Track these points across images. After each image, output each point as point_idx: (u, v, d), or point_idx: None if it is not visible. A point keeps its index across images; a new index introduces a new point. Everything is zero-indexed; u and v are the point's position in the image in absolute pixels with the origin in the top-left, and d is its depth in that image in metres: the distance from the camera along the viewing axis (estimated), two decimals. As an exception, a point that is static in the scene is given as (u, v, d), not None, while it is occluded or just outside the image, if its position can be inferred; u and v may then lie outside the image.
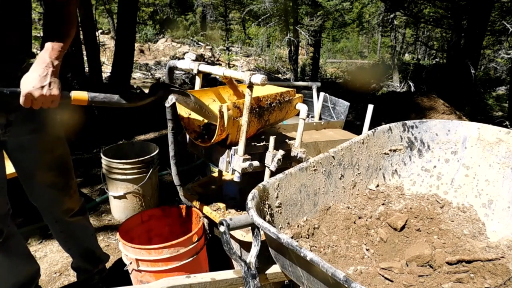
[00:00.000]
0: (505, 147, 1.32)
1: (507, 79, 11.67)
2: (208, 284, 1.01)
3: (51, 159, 1.58)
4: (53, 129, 1.57)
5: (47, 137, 1.55)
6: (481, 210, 1.31)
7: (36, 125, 1.50)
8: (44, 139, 1.54)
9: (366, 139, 1.42)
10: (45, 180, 1.60)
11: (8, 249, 1.58)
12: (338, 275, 0.74)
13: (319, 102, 2.70)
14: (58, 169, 1.62)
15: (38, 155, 1.54)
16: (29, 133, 1.49)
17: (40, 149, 1.54)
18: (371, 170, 1.43)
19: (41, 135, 1.52)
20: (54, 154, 1.59)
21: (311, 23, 9.37)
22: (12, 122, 1.43)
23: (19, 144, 1.51)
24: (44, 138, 1.54)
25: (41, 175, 1.58)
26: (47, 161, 1.57)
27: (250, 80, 1.43)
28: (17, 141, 1.50)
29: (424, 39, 15.90)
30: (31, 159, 1.55)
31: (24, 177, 1.62)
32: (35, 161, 1.55)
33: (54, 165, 1.60)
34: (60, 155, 1.62)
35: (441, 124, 1.46)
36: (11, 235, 1.59)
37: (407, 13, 9.68)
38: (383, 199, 1.40)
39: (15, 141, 1.49)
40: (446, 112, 6.09)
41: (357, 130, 2.45)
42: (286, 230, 1.13)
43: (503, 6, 8.33)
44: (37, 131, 1.51)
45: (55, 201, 1.66)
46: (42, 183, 1.60)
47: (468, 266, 1.09)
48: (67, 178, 1.67)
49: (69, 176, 1.69)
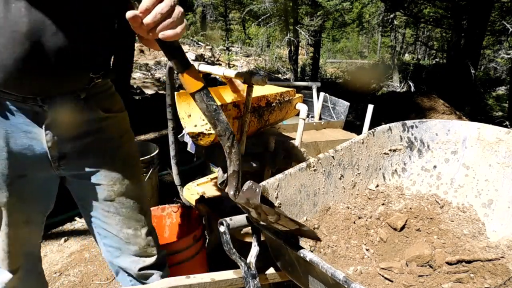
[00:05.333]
0: (505, 147, 1.32)
1: (507, 79, 11.67)
2: (208, 284, 1.01)
3: (118, 203, 1.25)
4: (122, 165, 1.24)
5: (112, 175, 1.21)
6: (481, 210, 1.30)
7: (99, 158, 1.18)
8: (107, 176, 1.21)
9: (366, 139, 1.42)
10: (112, 227, 1.28)
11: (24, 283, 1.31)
12: (338, 275, 0.74)
13: (319, 102, 2.70)
14: (126, 215, 1.27)
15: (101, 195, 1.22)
16: (89, 167, 1.18)
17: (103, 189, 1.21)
18: (370, 170, 1.43)
19: (106, 173, 1.20)
20: (121, 197, 1.24)
21: (311, 23, 9.37)
22: (67, 155, 1.13)
23: (78, 182, 1.21)
24: (107, 176, 1.20)
25: (105, 219, 1.27)
26: (113, 204, 1.25)
27: (250, 80, 1.43)
28: (76, 178, 1.20)
29: (424, 39, 15.90)
30: (94, 200, 1.24)
31: (88, 220, 1.31)
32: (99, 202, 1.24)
33: (121, 209, 1.26)
34: (132, 197, 1.27)
35: (441, 124, 1.46)
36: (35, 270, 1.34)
37: (407, 13, 9.68)
38: (383, 199, 1.40)
39: (74, 178, 1.20)
40: (446, 112, 6.10)
41: (357, 130, 2.45)
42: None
43: (503, 6, 8.33)
44: (101, 166, 1.19)
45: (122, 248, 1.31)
46: (106, 228, 1.28)
47: (468, 266, 1.09)
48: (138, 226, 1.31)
49: (141, 222, 1.31)
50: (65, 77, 1.03)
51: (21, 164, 1.09)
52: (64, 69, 1.00)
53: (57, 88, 1.04)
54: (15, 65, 0.93)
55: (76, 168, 1.18)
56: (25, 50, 0.92)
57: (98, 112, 1.15)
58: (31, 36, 0.91)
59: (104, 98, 1.18)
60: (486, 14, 7.30)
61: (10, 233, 1.19)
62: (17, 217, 1.18)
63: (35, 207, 1.21)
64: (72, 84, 1.07)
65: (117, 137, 1.23)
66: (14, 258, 1.24)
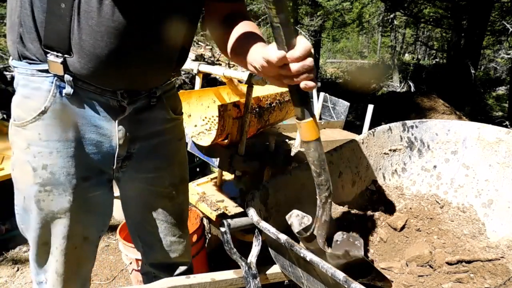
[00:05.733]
0: (505, 147, 1.32)
1: (507, 79, 11.67)
2: (208, 284, 1.01)
3: (170, 207, 1.23)
4: (179, 169, 1.23)
5: (169, 179, 1.19)
6: (481, 210, 1.31)
7: (160, 161, 1.15)
8: (165, 181, 1.18)
9: (366, 139, 1.42)
10: (156, 232, 1.24)
11: None
12: (338, 275, 0.74)
13: (319, 102, 2.70)
14: (174, 221, 1.25)
15: (155, 200, 1.20)
16: (149, 171, 1.14)
17: (158, 192, 1.19)
18: (371, 170, 1.43)
19: (164, 176, 1.18)
20: (174, 201, 1.23)
21: (311, 23, 9.37)
22: (133, 155, 1.09)
23: (132, 184, 1.16)
24: (165, 180, 1.18)
25: (153, 224, 1.23)
26: (165, 208, 1.22)
27: (250, 80, 1.44)
28: (131, 179, 1.14)
29: (424, 39, 15.90)
30: (145, 204, 1.20)
31: (133, 222, 1.27)
32: (150, 206, 1.20)
33: (170, 215, 1.24)
34: (181, 203, 1.27)
35: (441, 124, 1.46)
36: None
37: (407, 13, 9.68)
38: (383, 199, 1.40)
39: (129, 179, 1.14)
40: (446, 112, 6.10)
41: (357, 130, 2.45)
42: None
43: (503, 6, 8.33)
44: (160, 170, 1.16)
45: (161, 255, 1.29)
46: (152, 233, 1.24)
47: (468, 266, 1.09)
48: (182, 232, 1.29)
49: (184, 231, 1.31)
50: (153, 73, 1.01)
51: (86, 163, 1.01)
52: (152, 64, 0.98)
53: (142, 84, 1.02)
54: (108, 57, 0.89)
55: (136, 170, 1.12)
56: (120, 43, 0.89)
57: (168, 112, 1.13)
58: (125, 30, 0.88)
59: (171, 97, 1.16)
60: (486, 14, 7.31)
61: (68, 249, 1.05)
62: (77, 231, 1.05)
63: (95, 222, 1.10)
64: (156, 80, 1.05)
65: (177, 140, 1.21)
66: (68, 284, 1.09)
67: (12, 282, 2.23)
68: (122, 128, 1.02)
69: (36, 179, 0.96)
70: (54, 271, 1.06)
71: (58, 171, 0.97)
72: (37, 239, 1.03)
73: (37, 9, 0.87)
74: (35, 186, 0.97)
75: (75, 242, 1.06)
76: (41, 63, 0.91)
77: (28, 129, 0.94)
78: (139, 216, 1.24)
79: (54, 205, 0.99)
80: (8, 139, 1.01)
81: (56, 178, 0.97)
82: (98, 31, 0.86)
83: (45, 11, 0.86)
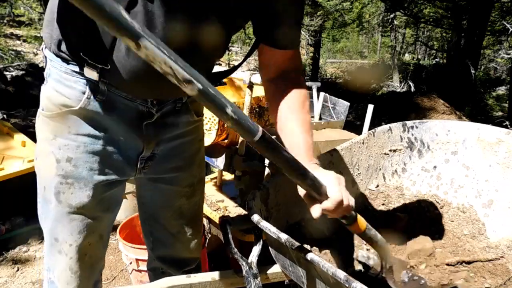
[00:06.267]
0: (505, 147, 1.32)
1: (507, 79, 11.67)
2: (209, 283, 1.01)
3: (186, 205, 1.24)
4: (198, 169, 1.24)
5: (189, 179, 1.21)
6: (481, 210, 1.31)
7: (181, 162, 1.17)
8: (184, 181, 1.20)
9: (366, 139, 1.42)
10: (171, 228, 1.26)
11: None
12: (339, 274, 0.74)
13: (319, 102, 2.70)
14: (189, 218, 1.27)
15: (172, 199, 1.21)
16: (169, 171, 1.16)
17: (176, 191, 1.21)
18: (371, 170, 1.43)
19: (183, 176, 1.20)
20: (191, 200, 1.25)
21: (311, 23, 9.37)
22: (156, 156, 1.11)
23: (151, 183, 1.19)
24: (184, 180, 1.20)
25: (168, 220, 1.24)
26: (181, 207, 1.23)
27: (250, 80, 1.44)
28: (151, 179, 1.17)
29: (424, 39, 15.90)
30: (162, 201, 1.22)
31: (147, 216, 1.29)
32: (167, 204, 1.22)
33: (186, 213, 1.25)
34: (197, 202, 1.28)
35: (441, 124, 1.46)
36: None
37: (407, 13, 9.68)
38: (383, 199, 1.40)
39: (149, 179, 1.17)
40: (446, 112, 6.10)
41: (357, 130, 2.45)
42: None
43: (503, 6, 8.33)
44: (180, 169, 1.17)
45: (172, 251, 1.31)
46: (166, 229, 1.26)
47: (468, 266, 1.10)
48: (195, 230, 1.31)
49: (198, 229, 1.33)
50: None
51: (110, 162, 1.02)
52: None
53: (172, 95, 1.04)
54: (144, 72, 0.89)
55: (158, 171, 1.14)
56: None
57: (192, 114, 1.14)
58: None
59: (196, 102, 1.15)
60: (486, 14, 7.31)
61: (80, 246, 1.03)
62: (93, 227, 1.05)
63: (110, 221, 1.12)
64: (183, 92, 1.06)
65: (197, 140, 1.22)
66: (82, 282, 1.08)
67: (12, 282, 2.23)
68: (149, 132, 1.03)
69: (59, 171, 0.97)
70: (68, 268, 1.04)
71: (82, 165, 0.98)
72: (51, 232, 1.03)
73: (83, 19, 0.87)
74: (57, 178, 0.97)
75: (91, 240, 1.05)
76: (77, 65, 0.92)
77: (56, 121, 0.95)
78: (154, 212, 1.25)
79: (73, 198, 0.99)
80: (7, 138, 1.01)
81: (79, 171, 0.98)
82: None
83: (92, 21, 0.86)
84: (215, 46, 1.00)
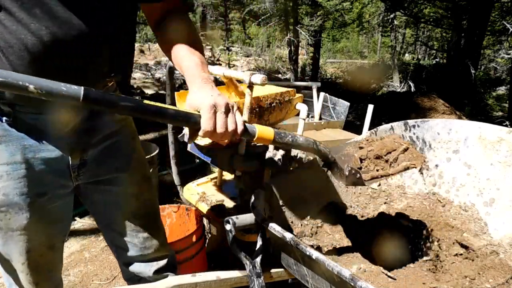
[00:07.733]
0: (506, 146, 1.32)
1: (507, 79, 11.67)
2: (213, 282, 1.01)
3: (136, 205, 1.24)
4: (138, 167, 1.25)
5: (131, 178, 1.22)
6: (483, 208, 1.31)
7: (117, 162, 1.17)
8: (127, 180, 1.21)
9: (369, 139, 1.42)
10: (128, 233, 1.26)
11: None
12: (344, 273, 0.75)
13: (319, 102, 2.70)
14: (144, 218, 1.27)
15: (120, 200, 1.21)
16: (109, 172, 1.16)
17: (122, 193, 1.20)
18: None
19: (124, 176, 1.20)
20: (140, 198, 1.25)
21: (311, 23, 9.37)
22: (87, 162, 1.10)
23: (95, 188, 1.18)
24: (127, 180, 1.21)
25: (122, 224, 1.24)
26: (131, 207, 1.24)
27: (250, 80, 1.44)
28: (92, 185, 1.17)
29: (424, 39, 15.90)
30: (111, 205, 1.22)
31: (103, 226, 1.30)
32: (116, 207, 1.22)
33: (139, 213, 1.26)
34: (148, 199, 1.28)
35: (442, 123, 1.46)
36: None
37: (407, 13, 9.69)
38: (385, 198, 1.41)
39: (91, 185, 1.17)
40: (446, 112, 6.10)
41: (357, 130, 2.45)
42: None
43: (503, 6, 8.34)
44: (119, 170, 1.18)
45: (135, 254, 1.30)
46: (123, 233, 1.26)
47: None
48: (153, 228, 1.31)
49: (156, 226, 1.34)
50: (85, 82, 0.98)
51: (40, 180, 1.02)
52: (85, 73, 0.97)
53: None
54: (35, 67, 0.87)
55: (95, 175, 1.14)
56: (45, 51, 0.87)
57: (114, 115, 1.13)
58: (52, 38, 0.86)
59: None
60: (486, 14, 7.31)
61: (32, 261, 1.07)
62: (40, 242, 1.07)
63: (57, 230, 1.12)
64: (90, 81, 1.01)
65: (131, 138, 1.22)
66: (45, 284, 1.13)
67: (14, 282, 2.23)
68: (71, 140, 1.03)
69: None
70: (27, 282, 1.09)
71: (11, 192, 0.98)
72: (3, 255, 1.05)
73: None
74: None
75: (41, 253, 1.08)
76: None
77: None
78: (107, 219, 1.26)
79: (13, 223, 1.00)
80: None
81: (10, 199, 0.98)
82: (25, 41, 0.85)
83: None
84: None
